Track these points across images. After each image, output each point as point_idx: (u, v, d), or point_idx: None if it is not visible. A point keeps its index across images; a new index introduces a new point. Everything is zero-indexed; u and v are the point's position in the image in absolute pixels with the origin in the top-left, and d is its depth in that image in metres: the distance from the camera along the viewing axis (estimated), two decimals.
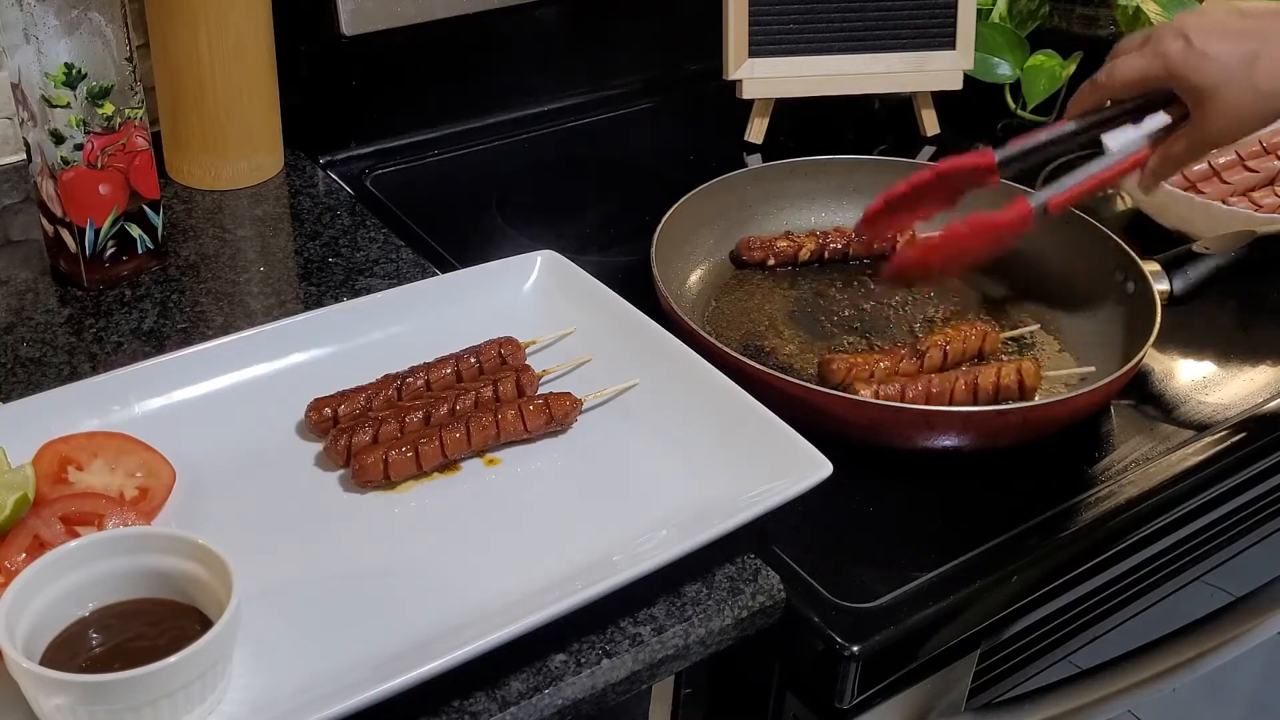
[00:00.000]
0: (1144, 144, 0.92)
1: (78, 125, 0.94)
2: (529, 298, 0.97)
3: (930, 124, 1.31)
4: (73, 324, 0.97)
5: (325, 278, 1.04)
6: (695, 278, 1.06)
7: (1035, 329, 1.01)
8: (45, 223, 1.01)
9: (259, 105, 1.13)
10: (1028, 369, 0.93)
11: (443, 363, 0.89)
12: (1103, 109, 0.94)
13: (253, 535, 0.77)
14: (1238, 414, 0.95)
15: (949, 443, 0.87)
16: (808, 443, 0.80)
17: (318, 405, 0.85)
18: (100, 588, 0.68)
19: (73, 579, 0.68)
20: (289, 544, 0.77)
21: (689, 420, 0.85)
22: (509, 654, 0.70)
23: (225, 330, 0.96)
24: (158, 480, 0.78)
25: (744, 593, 0.77)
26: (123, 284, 1.02)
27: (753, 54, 1.23)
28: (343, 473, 0.82)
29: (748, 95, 1.25)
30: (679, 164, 1.25)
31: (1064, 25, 1.58)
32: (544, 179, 1.24)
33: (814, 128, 1.30)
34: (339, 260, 1.06)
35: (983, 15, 1.32)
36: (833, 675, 0.76)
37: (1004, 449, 0.88)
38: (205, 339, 0.90)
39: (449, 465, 0.83)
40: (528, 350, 0.92)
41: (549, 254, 0.98)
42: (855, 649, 0.75)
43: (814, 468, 0.79)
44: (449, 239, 1.10)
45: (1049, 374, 0.96)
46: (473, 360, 0.89)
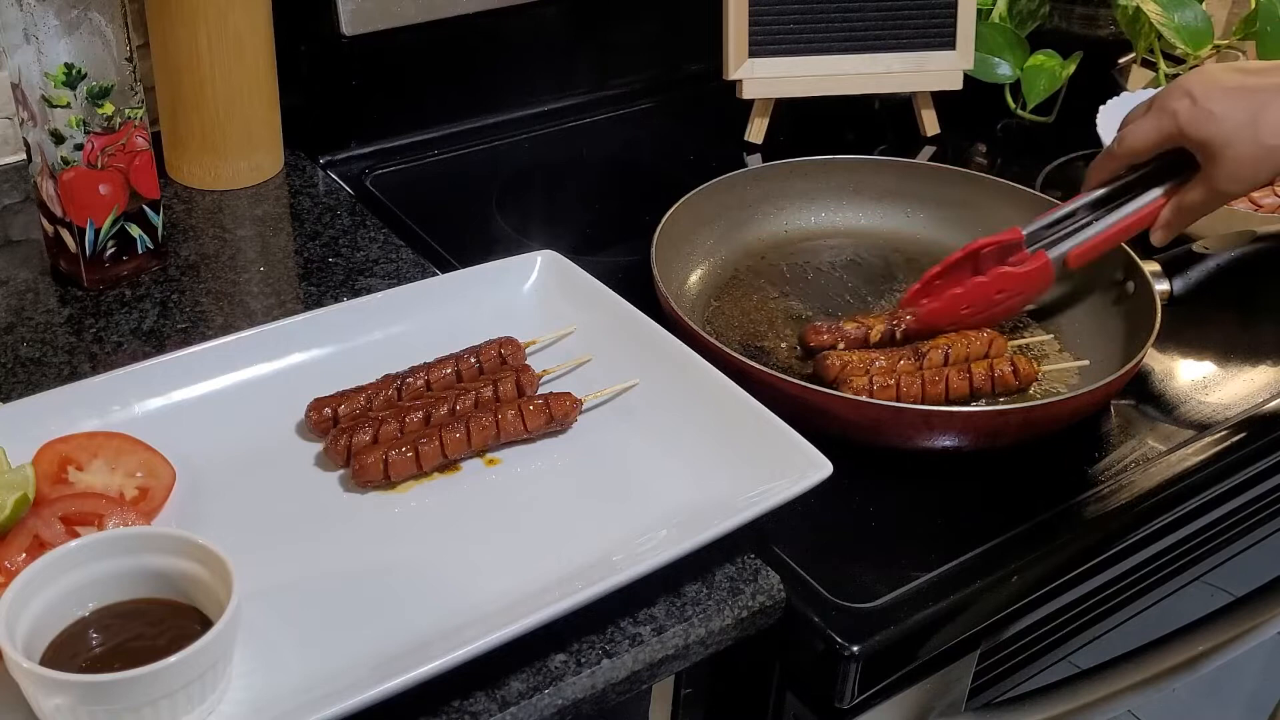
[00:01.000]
0: (1159, 196, 0.97)
1: (78, 125, 0.94)
2: (529, 298, 0.97)
3: (930, 124, 1.31)
4: (73, 324, 0.97)
5: (325, 278, 1.04)
6: (695, 278, 1.06)
7: (1048, 339, 1.01)
8: (45, 223, 1.01)
9: (259, 105, 1.13)
10: (1022, 360, 0.93)
11: (443, 363, 0.89)
12: (1121, 176, 0.99)
13: (253, 535, 0.77)
14: (1238, 414, 0.95)
15: (949, 442, 0.87)
16: (808, 443, 0.80)
17: (318, 405, 0.85)
18: (100, 588, 0.68)
19: (73, 579, 0.67)
20: (289, 544, 0.77)
21: (689, 420, 0.85)
22: (509, 654, 0.70)
23: (225, 330, 0.96)
24: (158, 480, 0.78)
25: (744, 593, 0.77)
26: (123, 284, 1.02)
27: (753, 54, 1.23)
28: (343, 473, 0.82)
29: (748, 95, 1.25)
30: (679, 164, 1.25)
31: (1064, 25, 1.58)
32: (544, 179, 1.24)
33: (814, 128, 1.30)
34: (339, 260, 1.06)
35: (983, 15, 1.32)
36: (833, 675, 0.76)
37: (1004, 449, 0.88)
38: (205, 339, 0.90)
39: (449, 465, 0.83)
40: (528, 350, 0.92)
41: (549, 254, 0.98)
42: (855, 649, 0.75)
43: (814, 468, 0.79)
44: (449, 239, 1.10)
45: (1048, 369, 0.96)
46: (473, 360, 0.89)
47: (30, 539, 0.72)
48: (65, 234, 0.99)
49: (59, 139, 0.94)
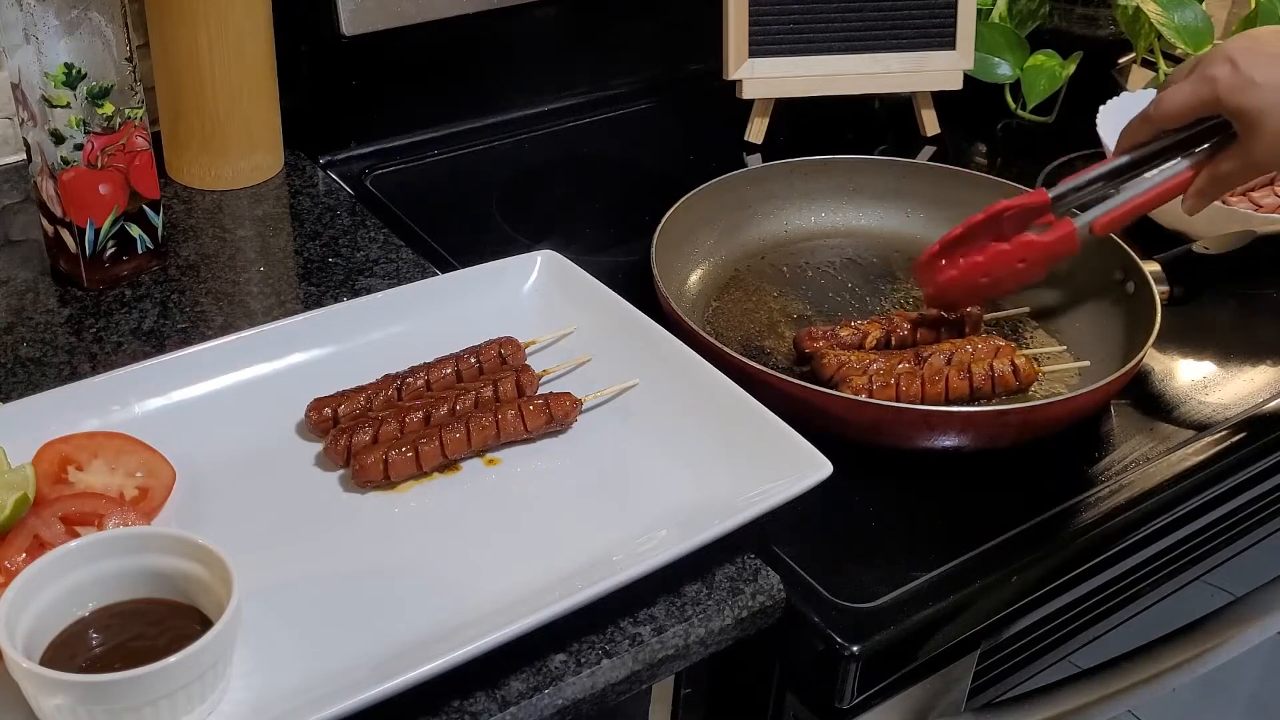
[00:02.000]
0: (1188, 166, 0.92)
1: (78, 125, 0.94)
2: (529, 298, 0.97)
3: (930, 124, 1.31)
4: (73, 324, 0.97)
5: (325, 278, 1.04)
6: (695, 278, 1.06)
7: (1048, 339, 1.01)
8: (45, 223, 1.01)
9: (259, 105, 1.13)
10: (1022, 360, 0.93)
11: (443, 363, 0.89)
12: (1153, 142, 0.94)
13: (253, 535, 0.77)
14: (1238, 414, 0.95)
15: (949, 443, 0.87)
16: (808, 443, 0.80)
17: (318, 405, 0.85)
18: (100, 588, 0.68)
19: (73, 579, 0.68)
20: (289, 544, 0.77)
21: (689, 420, 0.85)
22: (509, 654, 0.70)
23: (225, 330, 0.96)
24: (158, 480, 0.78)
25: (744, 593, 0.77)
26: (123, 284, 1.02)
27: (753, 54, 1.23)
28: (343, 473, 0.82)
29: (748, 95, 1.25)
30: (679, 164, 1.25)
31: (1064, 25, 1.58)
32: (544, 179, 1.24)
33: (814, 128, 1.30)
34: (339, 260, 1.06)
35: (983, 15, 1.32)
36: (833, 675, 0.76)
37: (1004, 449, 0.88)
38: (205, 339, 0.90)
39: (449, 465, 0.83)
40: (528, 350, 0.92)
41: (549, 254, 0.98)
42: (855, 649, 0.75)
43: (814, 468, 0.79)
44: (449, 239, 1.10)
45: (1048, 369, 0.96)
46: (473, 360, 0.89)
47: (30, 539, 0.72)
48: (65, 234, 0.99)
49: (59, 139, 0.94)
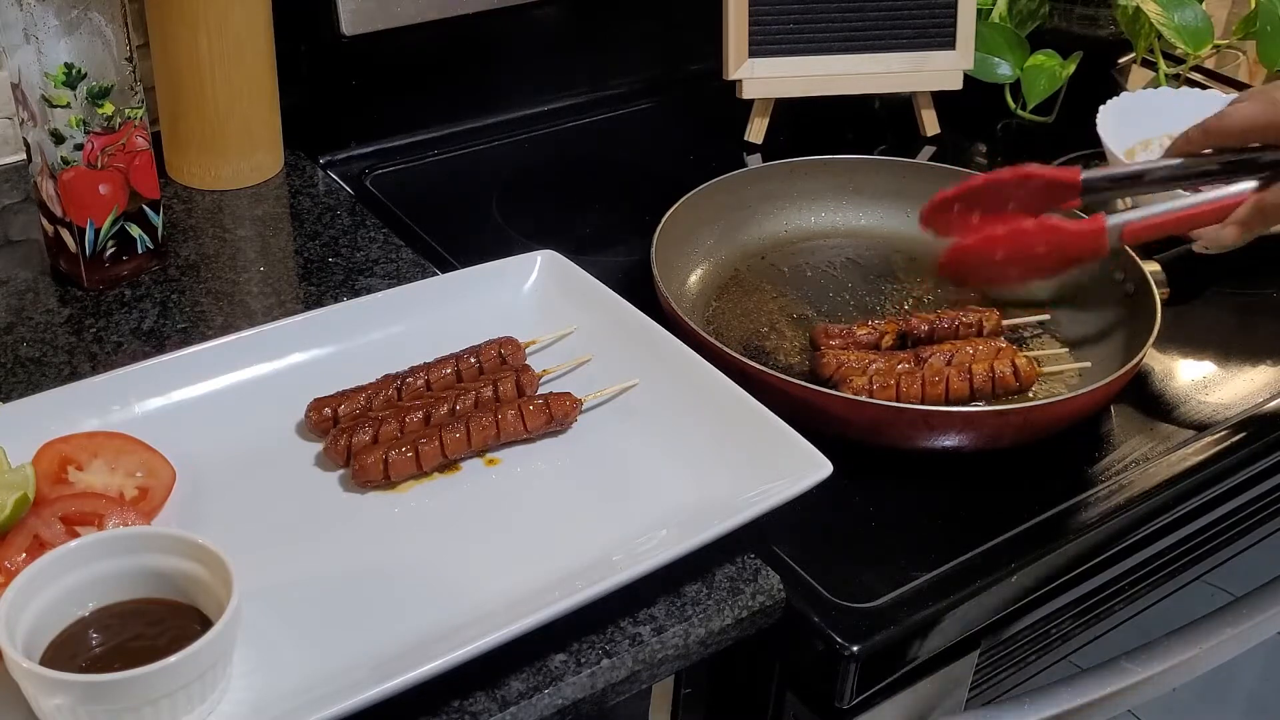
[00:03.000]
0: (1238, 192, 0.88)
1: (78, 125, 0.94)
2: (529, 298, 0.97)
3: (930, 124, 1.31)
4: (73, 324, 0.97)
5: (325, 278, 1.04)
6: (695, 278, 1.06)
7: (1048, 340, 1.01)
8: (45, 223, 1.01)
9: (259, 105, 1.13)
10: (1022, 360, 0.93)
11: (443, 363, 0.89)
12: (1204, 155, 0.91)
13: (253, 535, 0.77)
14: (1238, 414, 0.95)
15: (949, 443, 0.87)
16: (808, 443, 0.80)
17: (318, 405, 0.85)
18: (100, 588, 0.68)
19: (73, 579, 0.67)
20: (289, 544, 0.77)
21: (689, 420, 0.85)
22: (509, 654, 0.70)
23: (225, 330, 0.96)
24: (158, 480, 0.78)
25: (744, 593, 0.77)
26: (123, 284, 1.02)
27: (753, 54, 1.23)
28: (343, 473, 0.82)
29: (748, 95, 1.25)
30: (679, 164, 1.25)
31: (1064, 25, 1.57)
32: (544, 179, 1.24)
33: (814, 128, 1.30)
34: (339, 260, 1.06)
35: (983, 15, 1.32)
36: (833, 675, 0.76)
37: (1004, 449, 0.88)
38: (205, 339, 0.90)
39: (449, 465, 0.83)
40: (528, 350, 0.92)
41: (549, 254, 0.98)
42: (855, 649, 0.75)
43: (814, 468, 0.79)
44: (449, 239, 1.10)
45: (1049, 370, 0.96)
46: (473, 360, 0.89)
47: (30, 539, 0.72)
48: (65, 234, 0.99)
49: (59, 139, 0.94)
